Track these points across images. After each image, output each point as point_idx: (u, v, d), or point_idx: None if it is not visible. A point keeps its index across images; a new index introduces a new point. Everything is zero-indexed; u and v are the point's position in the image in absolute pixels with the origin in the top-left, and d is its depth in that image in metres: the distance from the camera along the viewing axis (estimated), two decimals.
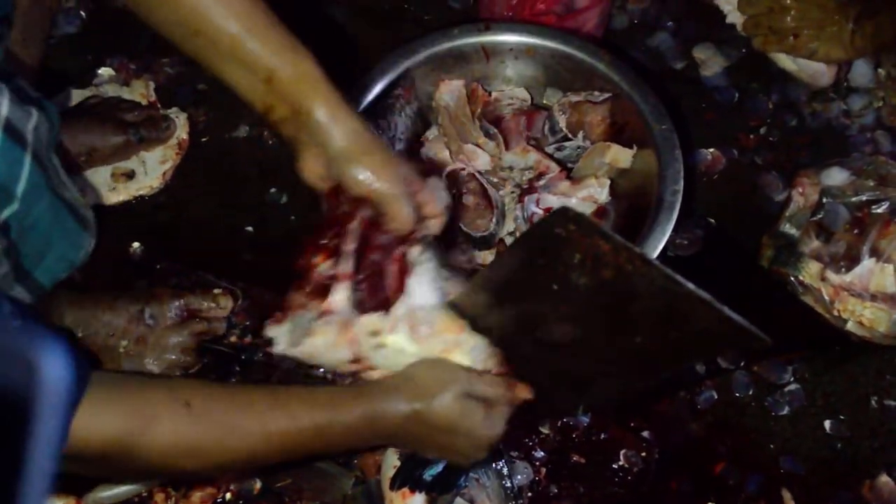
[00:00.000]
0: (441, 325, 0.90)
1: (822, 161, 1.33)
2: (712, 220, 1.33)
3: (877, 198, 1.25)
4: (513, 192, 1.27)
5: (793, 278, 1.24)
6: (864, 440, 1.20)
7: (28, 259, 0.97)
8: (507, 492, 1.11)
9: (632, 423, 1.19)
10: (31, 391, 0.40)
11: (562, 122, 1.28)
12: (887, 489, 1.15)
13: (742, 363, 1.23)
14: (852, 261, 1.22)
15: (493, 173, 1.27)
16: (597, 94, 1.27)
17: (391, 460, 1.09)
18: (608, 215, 1.22)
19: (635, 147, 1.24)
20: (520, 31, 1.30)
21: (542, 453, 1.16)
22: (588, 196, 1.22)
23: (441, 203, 0.94)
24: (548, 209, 1.19)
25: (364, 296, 0.90)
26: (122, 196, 1.33)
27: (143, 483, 1.13)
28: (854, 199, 1.26)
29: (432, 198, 0.94)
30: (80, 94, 1.38)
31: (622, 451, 1.16)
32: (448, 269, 0.94)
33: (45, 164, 0.95)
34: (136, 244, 1.31)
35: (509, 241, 1.24)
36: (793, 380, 1.23)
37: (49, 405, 0.41)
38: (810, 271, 1.23)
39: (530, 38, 1.29)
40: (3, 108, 0.86)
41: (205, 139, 1.40)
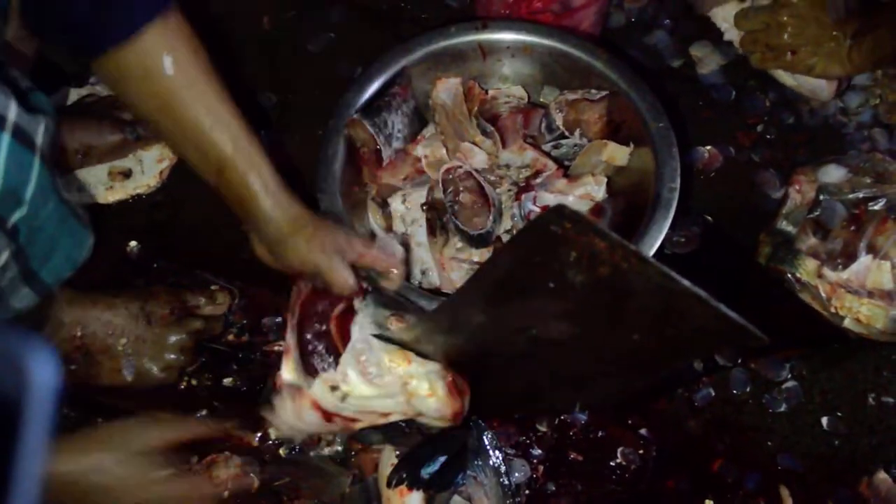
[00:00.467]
0: (387, 362, 0.93)
1: (819, 158, 1.33)
2: (709, 218, 1.33)
3: (873, 195, 1.25)
4: (510, 190, 1.26)
5: (790, 275, 1.24)
6: (861, 437, 1.20)
7: (35, 260, 0.97)
8: (505, 489, 1.11)
9: (629, 421, 1.18)
10: (21, 395, 0.40)
11: (559, 119, 1.28)
12: (885, 486, 1.15)
13: (739, 360, 1.23)
14: (849, 258, 1.22)
15: (490, 171, 1.27)
16: (594, 92, 1.27)
17: (389, 458, 1.09)
18: (605, 213, 1.22)
19: (632, 145, 1.24)
20: (517, 29, 1.30)
21: (539, 451, 1.16)
22: (585, 194, 1.22)
23: (394, 258, 1.00)
24: (545, 207, 1.19)
25: (314, 359, 0.95)
26: (119, 195, 1.33)
27: None
28: (851, 196, 1.26)
29: (383, 255, 0.99)
30: (77, 93, 1.38)
31: (620, 449, 1.16)
32: (394, 305, 0.98)
33: (51, 166, 0.95)
34: (133, 243, 1.31)
35: (506, 238, 1.24)
36: (790, 377, 1.23)
37: (38, 410, 0.40)
38: (807, 268, 1.23)
39: (527, 37, 1.29)
40: (12, 112, 0.85)
41: None
